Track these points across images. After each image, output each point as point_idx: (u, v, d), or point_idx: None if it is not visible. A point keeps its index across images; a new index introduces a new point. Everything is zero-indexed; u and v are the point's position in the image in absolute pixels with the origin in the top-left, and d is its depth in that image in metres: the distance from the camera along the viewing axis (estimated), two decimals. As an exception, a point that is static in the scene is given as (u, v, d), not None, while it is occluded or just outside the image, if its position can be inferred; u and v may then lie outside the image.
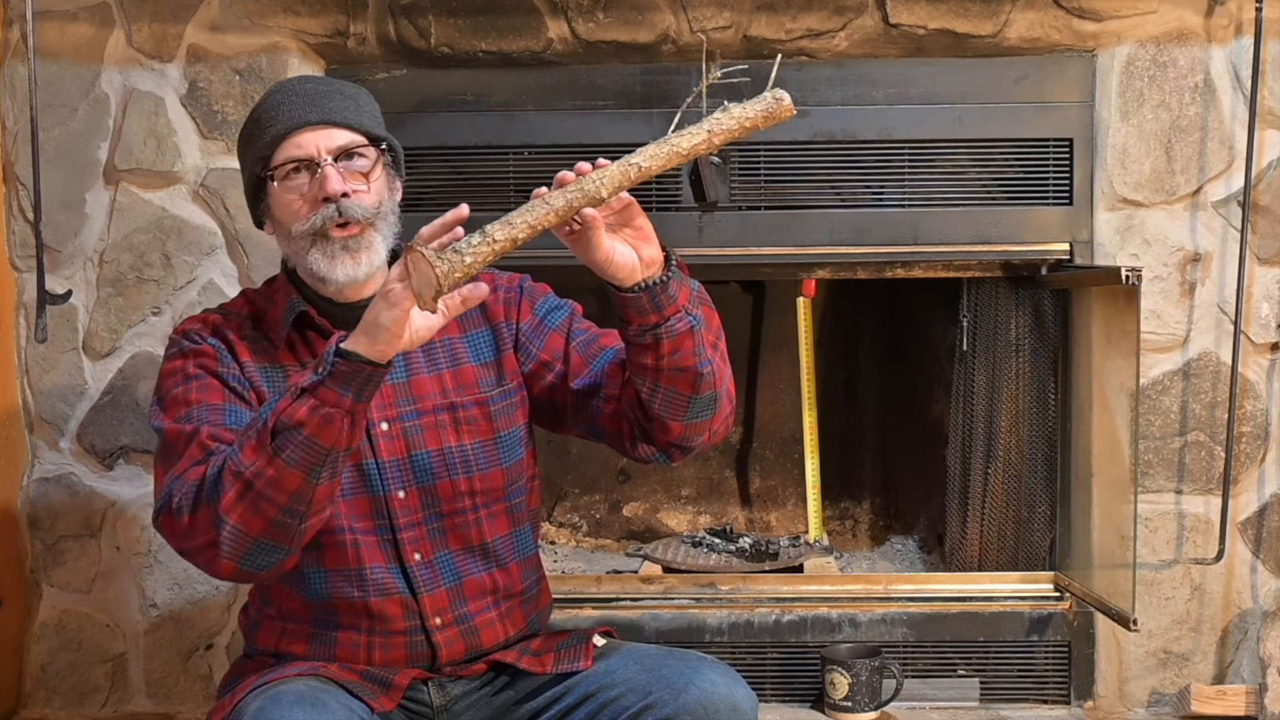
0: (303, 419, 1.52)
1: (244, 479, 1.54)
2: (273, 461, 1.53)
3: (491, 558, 1.79)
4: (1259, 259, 2.52)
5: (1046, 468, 2.59)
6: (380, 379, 1.55)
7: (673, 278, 1.60)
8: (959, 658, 2.56)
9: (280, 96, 1.76)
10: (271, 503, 1.54)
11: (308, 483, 1.54)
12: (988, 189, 2.53)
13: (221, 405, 1.70)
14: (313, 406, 1.52)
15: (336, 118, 1.74)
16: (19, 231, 2.56)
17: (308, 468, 1.53)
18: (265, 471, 1.53)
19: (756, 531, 3.09)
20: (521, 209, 1.49)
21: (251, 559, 1.59)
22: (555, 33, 2.50)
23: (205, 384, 1.72)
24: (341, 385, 1.52)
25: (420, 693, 1.75)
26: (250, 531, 1.56)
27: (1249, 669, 2.55)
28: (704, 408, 1.68)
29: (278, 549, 1.59)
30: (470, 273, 1.47)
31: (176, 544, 1.63)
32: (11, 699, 2.59)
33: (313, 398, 1.52)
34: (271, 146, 1.73)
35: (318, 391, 1.52)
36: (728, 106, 1.54)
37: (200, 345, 1.76)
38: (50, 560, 2.61)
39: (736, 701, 1.63)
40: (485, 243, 1.46)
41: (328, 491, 1.58)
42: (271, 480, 1.53)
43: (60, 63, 2.52)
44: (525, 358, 1.83)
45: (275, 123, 1.73)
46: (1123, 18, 2.49)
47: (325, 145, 1.72)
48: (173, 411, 1.70)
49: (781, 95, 1.53)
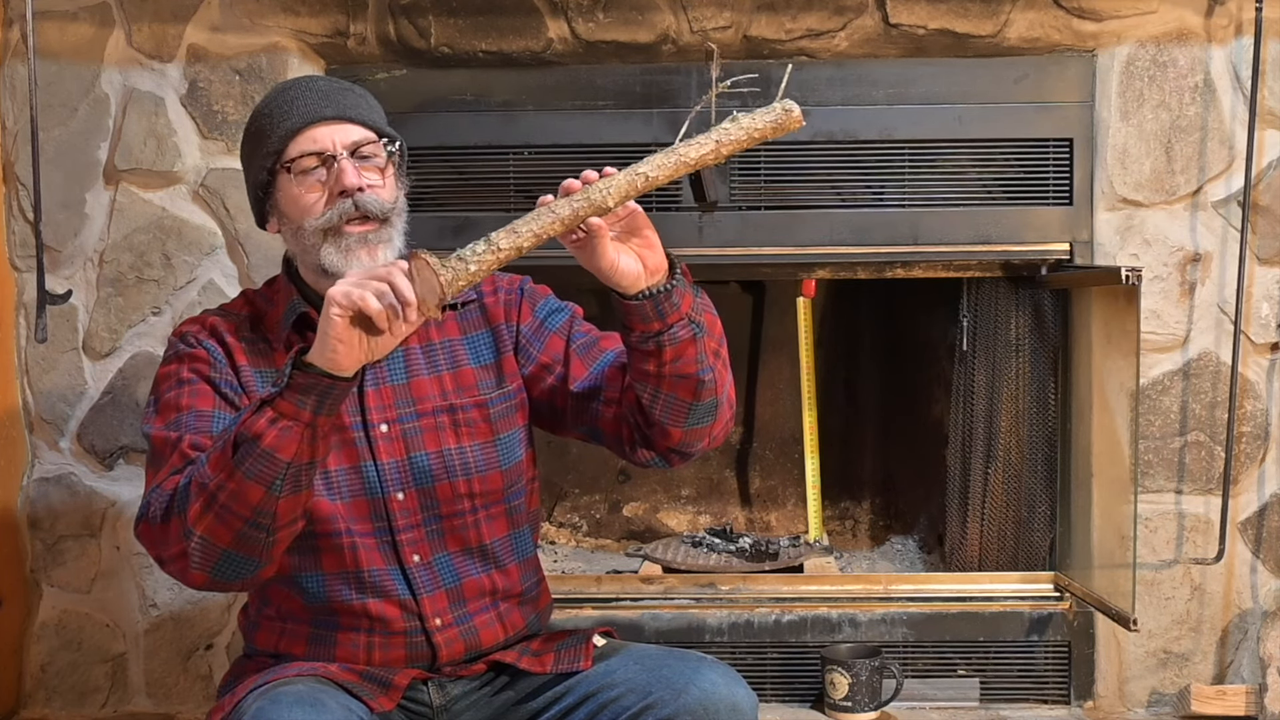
0: (260, 431, 1.51)
1: (208, 491, 1.53)
2: (233, 475, 1.52)
3: (491, 559, 1.79)
4: (1259, 259, 2.52)
5: (1046, 468, 2.60)
6: (343, 392, 1.53)
7: (677, 286, 1.60)
8: (959, 658, 2.56)
9: (293, 93, 1.76)
10: (235, 515, 1.54)
11: (269, 495, 1.53)
12: (988, 189, 2.53)
13: (210, 412, 1.70)
14: (271, 419, 1.51)
15: (351, 113, 1.74)
16: (19, 231, 2.56)
17: (268, 481, 1.52)
18: (227, 484, 1.52)
19: (756, 531, 3.09)
20: (527, 217, 1.49)
21: (221, 570, 1.58)
22: (555, 33, 2.50)
23: (197, 390, 1.71)
24: (300, 397, 1.51)
25: (420, 693, 1.75)
26: (218, 543, 1.55)
27: (1249, 669, 2.55)
28: (704, 414, 1.68)
29: (248, 560, 1.58)
30: (474, 280, 1.46)
31: (153, 552, 1.63)
32: (11, 699, 2.59)
33: (271, 409, 1.51)
34: (286, 140, 1.72)
35: (276, 403, 1.51)
36: (737, 117, 1.52)
37: (196, 349, 1.75)
38: (50, 560, 2.61)
39: (737, 702, 1.62)
40: (490, 250, 1.46)
41: (290, 506, 1.56)
42: (233, 493, 1.53)
43: (60, 63, 2.52)
44: (525, 360, 1.83)
45: (289, 117, 1.73)
46: (1123, 18, 2.49)
47: (341, 140, 1.72)
48: (163, 416, 1.70)
49: (791, 107, 1.52)
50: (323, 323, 1.50)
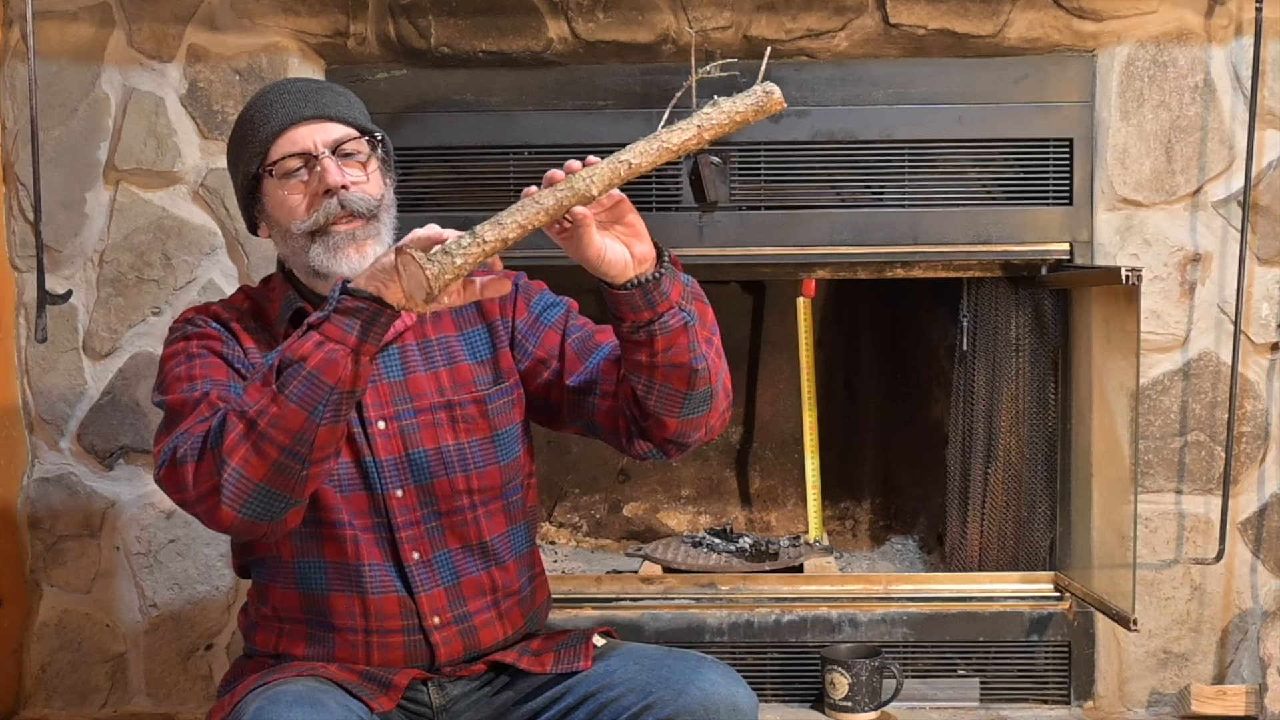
0: (306, 353, 1.52)
1: (248, 418, 1.53)
2: (276, 399, 1.52)
3: (490, 556, 1.79)
4: (1259, 259, 2.52)
5: (1046, 468, 2.59)
6: (387, 321, 1.55)
7: (665, 274, 1.60)
8: (959, 658, 2.56)
9: (271, 96, 1.76)
10: (274, 443, 1.53)
11: (310, 421, 1.53)
12: (988, 189, 2.53)
13: (226, 381, 1.69)
14: (317, 342, 1.52)
15: (330, 112, 1.75)
16: (19, 231, 2.56)
17: (311, 405, 1.52)
18: (269, 409, 1.52)
19: (756, 531, 3.09)
20: (511, 209, 1.49)
21: (253, 506, 1.56)
22: (555, 33, 2.50)
23: (209, 362, 1.71)
24: (347, 320, 1.52)
25: (420, 693, 1.75)
26: (253, 475, 1.54)
27: (1249, 669, 2.55)
28: (700, 404, 1.68)
29: (280, 497, 1.56)
30: (461, 274, 1.46)
31: (178, 496, 1.60)
32: (11, 699, 2.59)
33: (317, 333, 1.53)
34: (267, 144, 1.73)
35: (323, 327, 1.53)
36: (718, 101, 1.52)
37: (204, 329, 1.76)
38: (50, 560, 2.61)
39: (737, 701, 1.62)
40: (475, 243, 1.46)
41: (329, 436, 1.56)
42: (275, 418, 1.52)
43: (60, 63, 2.52)
44: (521, 355, 1.83)
45: (269, 120, 1.73)
46: (1123, 18, 2.49)
47: (322, 139, 1.73)
48: (176, 387, 1.68)
49: (772, 89, 1.52)
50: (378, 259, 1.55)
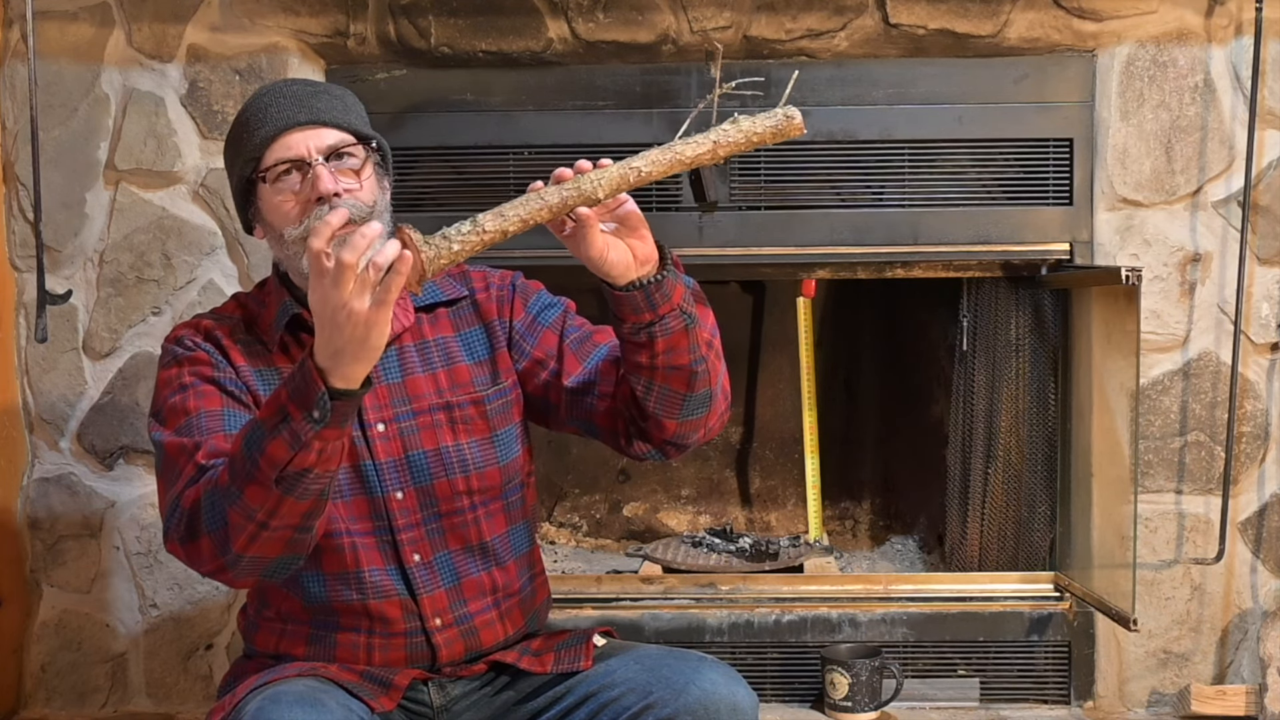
0: (310, 464, 1.50)
1: (256, 521, 1.53)
2: (284, 501, 1.52)
3: (490, 556, 1.79)
4: (1259, 259, 2.52)
5: (1046, 468, 2.60)
6: (364, 390, 1.53)
7: (667, 276, 1.60)
8: (959, 658, 2.56)
9: (267, 99, 1.74)
10: (287, 528, 1.55)
11: (320, 502, 1.56)
12: (988, 189, 2.53)
13: (220, 411, 1.69)
14: (319, 450, 1.50)
15: (325, 117, 1.72)
16: (19, 231, 2.56)
17: (317, 493, 1.54)
18: (278, 510, 1.52)
19: (756, 531, 3.09)
20: (515, 202, 1.49)
21: (269, 572, 1.61)
22: (555, 33, 2.50)
23: (202, 391, 1.71)
24: (341, 422, 1.50)
25: (420, 693, 1.75)
26: (268, 555, 1.57)
27: (1249, 669, 2.55)
28: (699, 405, 1.68)
29: (296, 558, 1.61)
30: (456, 259, 1.46)
31: (189, 565, 1.64)
32: (11, 699, 2.59)
33: (318, 441, 1.49)
34: (261, 149, 1.71)
35: (321, 434, 1.49)
36: (737, 119, 1.51)
37: (194, 351, 1.74)
38: (50, 560, 2.61)
39: (737, 701, 1.62)
40: (475, 231, 1.45)
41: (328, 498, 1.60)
42: (285, 514, 1.53)
43: (60, 63, 2.52)
44: (519, 355, 1.83)
45: (264, 125, 1.71)
46: (1123, 18, 2.49)
47: (315, 145, 1.70)
48: (172, 422, 1.69)
49: (793, 113, 1.51)
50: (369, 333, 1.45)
